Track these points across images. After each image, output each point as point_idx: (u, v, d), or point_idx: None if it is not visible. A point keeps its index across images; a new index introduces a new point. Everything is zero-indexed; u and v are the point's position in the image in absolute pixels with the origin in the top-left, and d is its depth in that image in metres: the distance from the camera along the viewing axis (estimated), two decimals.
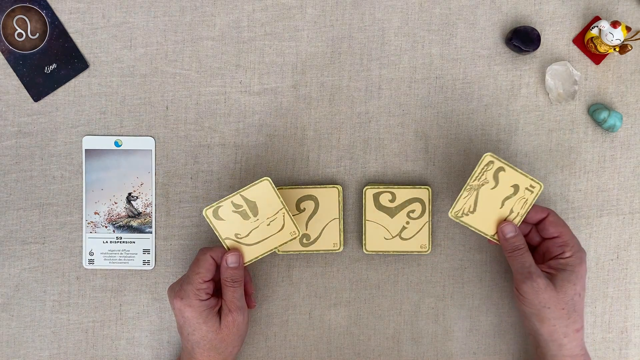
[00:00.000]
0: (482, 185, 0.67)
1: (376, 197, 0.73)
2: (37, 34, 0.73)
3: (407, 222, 0.73)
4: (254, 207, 0.68)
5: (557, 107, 0.75)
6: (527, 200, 0.67)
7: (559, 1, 0.75)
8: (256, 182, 0.67)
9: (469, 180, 0.67)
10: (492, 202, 0.67)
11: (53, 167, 0.74)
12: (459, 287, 0.75)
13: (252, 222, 0.68)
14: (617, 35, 0.70)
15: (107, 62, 0.74)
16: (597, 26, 0.72)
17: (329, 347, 0.75)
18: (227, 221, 0.68)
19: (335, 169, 0.75)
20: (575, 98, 0.75)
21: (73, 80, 0.74)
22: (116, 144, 0.74)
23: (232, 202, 0.67)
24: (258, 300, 0.75)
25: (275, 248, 0.69)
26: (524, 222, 0.69)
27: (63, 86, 0.74)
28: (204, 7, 0.74)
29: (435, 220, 0.75)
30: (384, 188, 0.73)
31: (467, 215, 0.68)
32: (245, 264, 0.69)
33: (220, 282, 0.69)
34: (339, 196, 0.73)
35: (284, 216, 0.68)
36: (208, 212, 0.67)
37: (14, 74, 0.74)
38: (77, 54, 0.74)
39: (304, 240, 0.73)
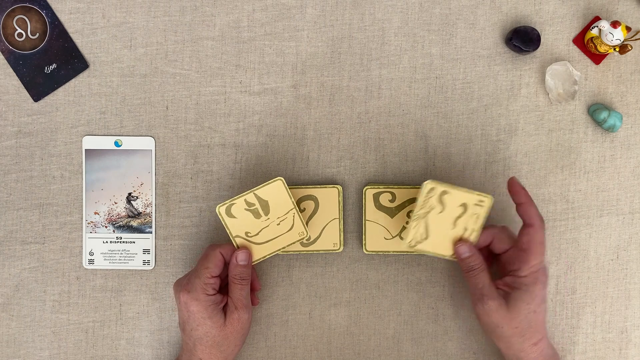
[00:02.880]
0: (429, 212, 0.66)
1: (376, 197, 0.73)
2: (37, 34, 0.73)
3: (407, 222, 0.73)
4: (265, 206, 0.68)
5: (557, 107, 0.75)
6: (479, 215, 0.67)
7: (559, 1, 0.75)
8: (270, 181, 0.67)
9: (415, 210, 0.66)
10: (444, 224, 0.67)
11: (53, 167, 0.74)
12: (459, 287, 0.75)
13: (263, 221, 0.68)
14: (617, 35, 0.70)
15: (107, 62, 0.74)
16: (597, 26, 0.72)
17: (329, 347, 0.75)
18: (238, 219, 0.68)
19: (335, 169, 0.75)
20: (575, 98, 0.75)
21: (73, 80, 0.74)
22: (116, 144, 0.74)
23: (245, 200, 0.68)
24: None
25: (283, 248, 0.69)
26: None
27: (63, 86, 0.74)
28: (204, 7, 0.74)
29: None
30: (383, 188, 0.73)
31: (420, 242, 0.67)
32: (254, 263, 0.69)
33: (225, 279, 0.69)
34: (339, 196, 0.73)
35: (294, 216, 0.68)
36: (221, 210, 0.68)
37: (14, 74, 0.74)
38: (77, 54, 0.74)
39: (304, 240, 0.73)
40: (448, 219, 0.67)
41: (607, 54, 0.74)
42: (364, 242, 0.73)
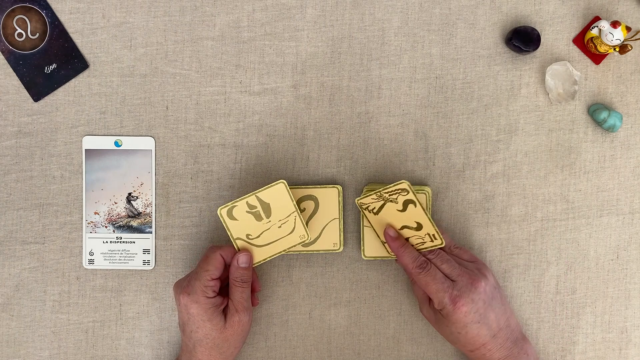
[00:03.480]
0: (390, 201, 0.68)
1: None
2: (37, 34, 0.73)
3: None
4: (267, 209, 0.68)
5: (557, 107, 0.75)
6: (424, 244, 0.68)
7: (559, 1, 0.75)
8: (272, 184, 0.67)
9: (382, 189, 0.67)
10: (394, 219, 0.68)
11: (53, 167, 0.74)
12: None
13: (264, 224, 0.68)
14: (617, 35, 0.70)
15: (107, 62, 0.74)
16: (597, 26, 0.72)
17: (329, 347, 0.75)
18: (240, 221, 0.68)
19: (335, 169, 0.75)
20: (575, 98, 0.75)
21: (73, 80, 0.74)
22: (116, 144, 0.74)
23: (247, 202, 0.67)
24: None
25: (284, 251, 0.69)
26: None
27: (63, 86, 0.74)
28: (204, 7, 0.74)
29: (435, 221, 0.75)
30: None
31: (370, 212, 0.69)
32: (254, 265, 0.69)
33: (225, 280, 0.69)
34: (339, 196, 0.73)
35: (295, 219, 0.68)
36: (222, 212, 0.67)
37: (14, 74, 0.74)
38: (77, 54, 0.74)
39: (306, 241, 0.73)
40: (399, 220, 0.68)
41: (607, 54, 0.74)
42: (362, 248, 0.73)
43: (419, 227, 0.68)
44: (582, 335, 0.75)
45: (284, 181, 0.67)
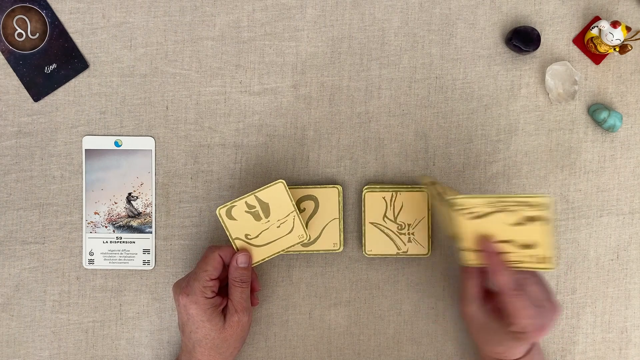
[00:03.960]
0: (506, 212, 0.62)
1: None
2: (37, 34, 0.73)
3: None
4: (266, 209, 0.68)
5: (557, 107, 0.75)
6: (522, 263, 0.63)
7: (559, 1, 0.75)
8: (271, 184, 0.67)
9: (503, 196, 0.61)
10: (498, 230, 0.63)
11: (53, 167, 0.74)
12: (459, 287, 0.75)
13: (263, 224, 0.68)
14: (617, 35, 0.70)
15: (107, 62, 0.74)
16: (597, 26, 0.72)
17: (329, 347, 0.75)
18: (239, 221, 0.68)
19: (335, 169, 0.75)
20: (575, 98, 0.75)
21: (73, 80, 0.74)
22: (116, 144, 0.74)
23: (246, 202, 0.67)
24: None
25: (283, 250, 0.69)
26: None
27: (63, 86, 0.74)
28: (204, 7, 0.74)
29: (435, 221, 0.75)
30: (380, 189, 0.73)
31: (465, 215, 0.64)
32: (253, 265, 0.69)
33: (225, 280, 0.69)
34: (339, 196, 0.73)
35: (294, 219, 0.68)
36: (221, 212, 0.67)
37: (14, 74, 0.74)
38: (77, 54, 0.74)
39: (304, 241, 0.73)
40: (505, 232, 0.62)
41: (607, 54, 0.74)
42: (363, 244, 0.73)
43: (528, 246, 0.62)
44: (582, 335, 0.75)
45: (283, 181, 0.67)
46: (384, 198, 0.72)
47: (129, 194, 0.74)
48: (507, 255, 0.63)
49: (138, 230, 0.74)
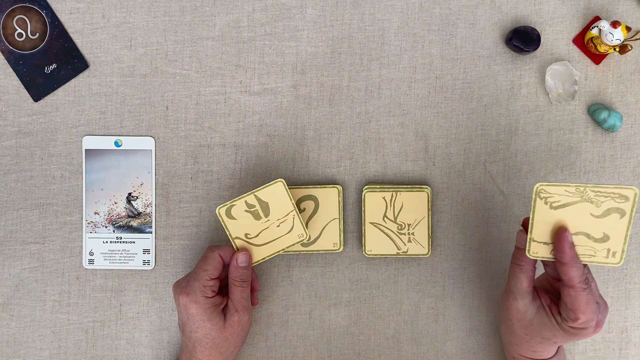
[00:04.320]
0: (591, 202, 0.60)
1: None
2: (37, 34, 0.73)
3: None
4: (266, 208, 0.68)
5: (557, 107, 0.75)
6: (593, 257, 0.62)
7: (559, 1, 0.75)
8: (270, 183, 0.67)
9: (592, 186, 0.60)
10: (578, 222, 0.61)
11: (53, 167, 0.74)
12: (459, 287, 0.75)
13: (263, 223, 0.68)
14: (617, 35, 0.70)
15: (107, 62, 0.74)
16: (597, 26, 0.72)
17: (329, 347, 0.75)
18: (238, 220, 0.68)
19: (335, 169, 0.75)
20: (575, 98, 0.75)
21: (73, 80, 0.74)
22: (116, 144, 0.74)
23: (245, 201, 0.67)
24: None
25: (283, 250, 0.69)
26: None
27: (63, 86, 0.74)
28: (204, 7, 0.74)
29: (435, 221, 0.75)
30: (381, 189, 0.73)
31: (547, 203, 0.61)
32: (253, 264, 0.69)
33: (225, 280, 0.69)
34: (339, 196, 0.73)
35: (293, 218, 0.68)
36: (221, 211, 0.67)
37: (14, 74, 0.74)
38: (77, 54, 0.74)
39: (304, 240, 0.73)
40: (584, 223, 0.62)
41: (607, 54, 0.74)
42: (363, 244, 0.73)
43: (602, 239, 0.61)
44: None
45: (283, 180, 0.67)
46: (384, 198, 0.72)
47: (129, 194, 0.74)
48: (578, 248, 0.63)
49: (138, 230, 0.74)
